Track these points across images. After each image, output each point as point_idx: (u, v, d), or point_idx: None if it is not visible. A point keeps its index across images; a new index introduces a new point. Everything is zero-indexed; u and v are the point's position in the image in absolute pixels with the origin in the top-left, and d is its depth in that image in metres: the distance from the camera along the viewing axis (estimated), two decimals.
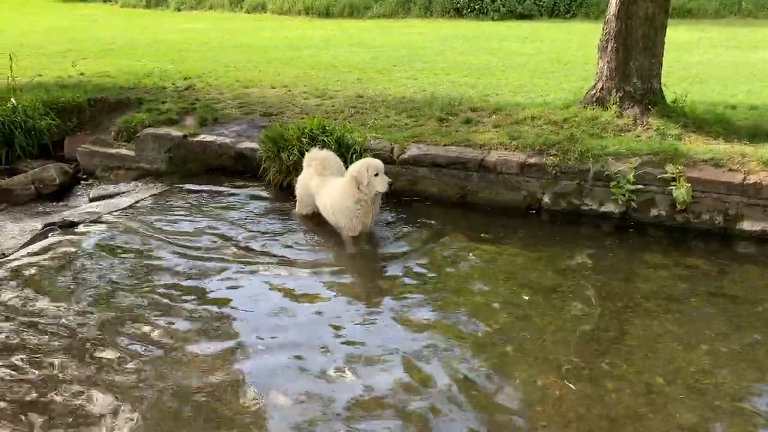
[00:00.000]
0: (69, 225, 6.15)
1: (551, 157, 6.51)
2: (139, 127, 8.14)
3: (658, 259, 5.56)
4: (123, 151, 8.04)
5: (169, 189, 7.18)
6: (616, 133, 6.86)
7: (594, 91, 7.42)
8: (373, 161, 5.74)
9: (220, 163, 7.65)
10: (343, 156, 6.44)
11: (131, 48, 13.53)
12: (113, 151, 8.07)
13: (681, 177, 6.01)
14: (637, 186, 6.17)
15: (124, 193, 7.11)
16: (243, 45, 14.00)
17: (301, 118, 7.78)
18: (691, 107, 7.29)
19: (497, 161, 6.64)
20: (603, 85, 7.30)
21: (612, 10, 7.08)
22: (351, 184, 5.65)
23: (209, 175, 7.53)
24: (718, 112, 7.37)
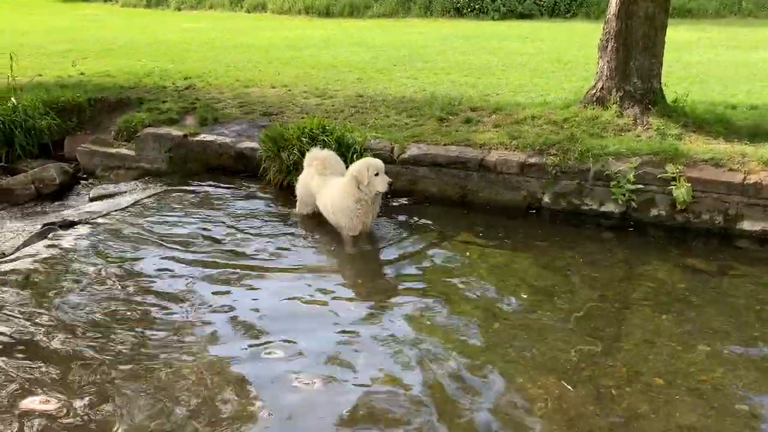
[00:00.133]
0: (69, 225, 6.15)
1: (551, 157, 6.52)
2: (140, 126, 8.15)
3: (658, 258, 5.56)
4: (123, 150, 8.04)
5: (169, 189, 7.18)
6: (617, 132, 6.86)
7: (594, 90, 7.42)
8: (374, 161, 5.74)
9: (220, 163, 7.65)
10: (343, 156, 6.44)
11: (131, 48, 13.54)
12: (113, 150, 8.07)
13: (681, 177, 6.01)
14: (638, 186, 6.17)
15: (124, 192, 7.11)
16: (243, 45, 14.00)
17: (301, 117, 7.78)
18: (691, 107, 7.29)
19: (497, 161, 6.64)
20: (603, 84, 7.30)
21: (612, 10, 7.08)
22: (351, 184, 5.65)
23: (209, 175, 7.53)
24: (719, 111, 7.37)
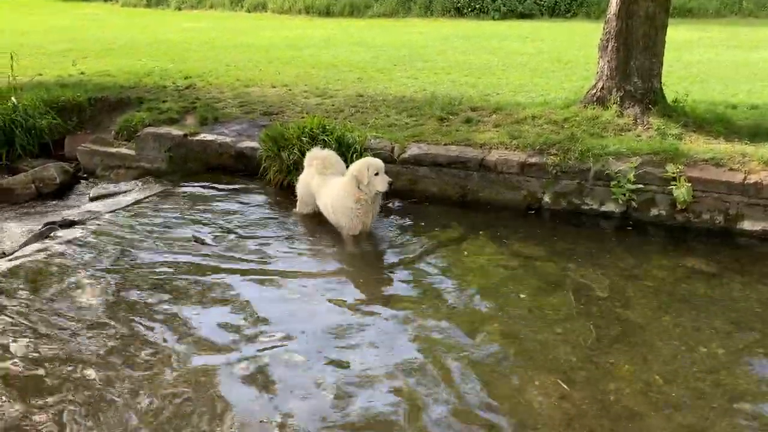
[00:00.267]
0: (69, 224, 6.15)
1: (552, 157, 6.51)
2: (140, 126, 8.15)
3: (658, 258, 5.56)
4: (123, 150, 8.04)
5: (169, 188, 7.17)
6: (617, 132, 6.86)
7: (594, 90, 7.42)
8: (374, 160, 5.74)
9: (220, 163, 7.65)
10: (343, 155, 6.44)
11: (132, 47, 13.54)
12: (113, 150, 8.07)
13: (681, 176, 6.00)
14: (638, 185, 6.17)
15: (124, 192, 7.11)
16: (243, 44, 14.00)
17: (301, 117, 7.78)
18: (691, 107, 7.29)
19: (498, 161, 6.64)
20: (603, 84, 7.30)
21: (612, 10, 7.07)
22: (351, 184, 5.65)
23: (209, 175, 7.52)
24: (719, 111, 7.36)
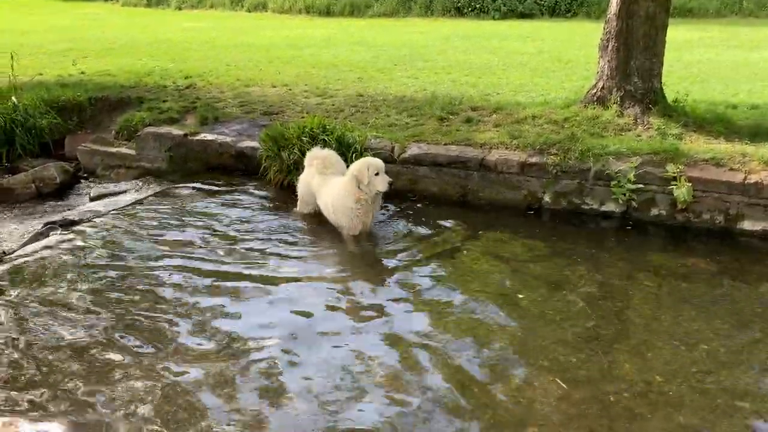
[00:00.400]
0: (69, 224, 6.15)
1: (552, 157, 6.51)
2: (140, 125, 8.15)
3: (658, 258, 5.56)
4: (123, 149, 8.05)
5: (169, 188, 7.18)
6: (617, 132, 6.86)
7: (595, 90, 7.42)
8: (374, 160, 5.74)
9: (220, 162, 7.65)
10: (343, 155, 6.43)
11: (132, 47, 13.54)
12: (114, 149, 8.08)
13: (682, 176, 6.01)
14: (638, 185, 6.17)
15: (124, 191, 7.12)
16: (244, 44, 14.00)
17: (301, 117, 7.78)
18: (692, 106, 7.29)
19: (498, 160, 6.64)
20: (604, 84, 7.30)
21: (613, 9, 7.07)
22: (352, 183, 5.65)
23: (210, 174, 7.53)
24: (719, 111, 7.36)
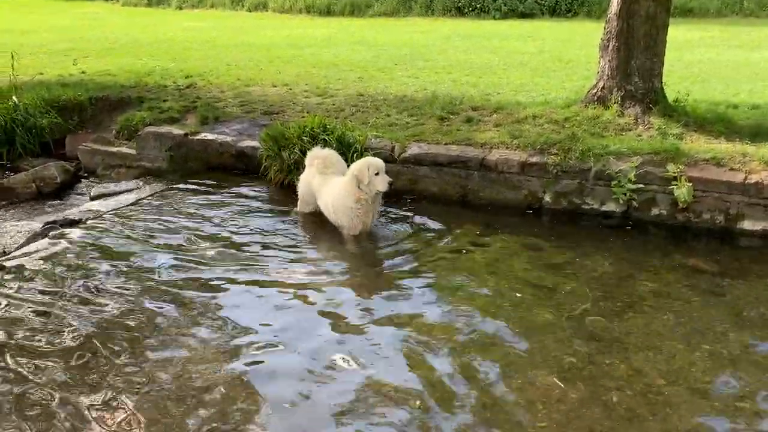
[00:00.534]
0: (70, 223, 6.15)
1: (552, 156, 6.51)
2: (140, 125, 8.15)
3: (658, 258, 5.56)
4: (124, 149, 8.05)
5: (169, 187, 7.18)
6: (618, 132, 6.86)
7: (595, 90, 7.41)
8: (374, 160, 5.74)
9: (221, 162, 7.65)
10: (344, 155, 6.43)
11: (133, 46, 13.54)
12: (114, 149, 8.08)
13: (682, 176, 6.00)
14: (638, 185, 6.16)
15: (125, 191, 7.11)
16: (244, 43, 14.00)
17: (302, 116, 7.78)
18: (692, 106, 7.29)
19: (498, 160, 6.63)
20: (604, 84, 7.29)
21: (613, 9, 7.07)
22: (352, 183, 5.64)
23: (210, 174, 7.53)
24: (720, 111, 7.35)
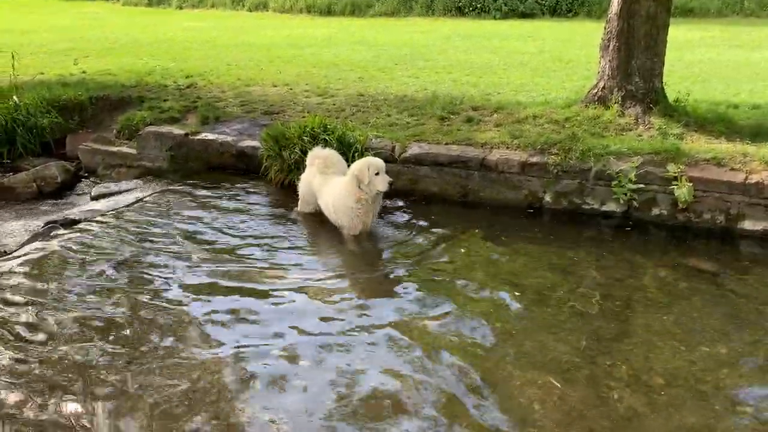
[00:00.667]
0: (70, 223, 6.15)
1: (553, 156, 6.51)
2: (141, 125, 8.15)
3: (659, 258, 5.56)
4: (124, 149, 8.05)
5: (170, 187, 7.18)
6: (618, 132, 6.86)
7: (596, 90, 7.41)
8: (375, 160, 5.74)
9: (221, 162, 7.65)
10: (344, 155, 6.43)
11: (133, 46, 13.55)
12: (115, 149, 8.08)
13: (682, 176, 6.00)
14: (639, 185, 6.16)
15: (125, 191, 7.11)
16: (245, 43, 14.00)
17: (302, 116, 7.78)
18: (693, 106, 7.28)
19: (499, 160, 6.63)
20: (605, 84, 7.29)
21: (614, 9, 7.07)
22: (352, 183, 5.65)
23: (210, 174, 7.53)
24: (720, 111, 7.35)
